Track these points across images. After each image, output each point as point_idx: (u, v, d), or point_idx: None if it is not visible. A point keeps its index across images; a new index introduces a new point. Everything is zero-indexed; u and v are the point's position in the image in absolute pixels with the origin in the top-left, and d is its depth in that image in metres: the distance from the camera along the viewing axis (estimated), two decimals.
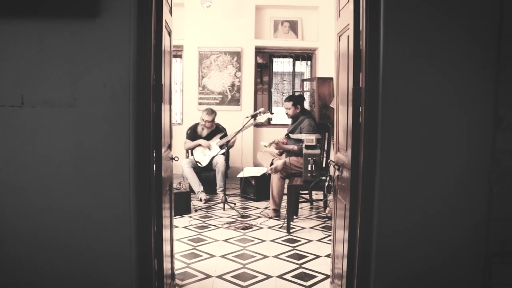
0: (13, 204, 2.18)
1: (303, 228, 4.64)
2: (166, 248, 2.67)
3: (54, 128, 2.15)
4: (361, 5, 2.20)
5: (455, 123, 2.17)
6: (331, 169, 2.86)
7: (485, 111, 2.15)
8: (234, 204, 5.67)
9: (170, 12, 2.72)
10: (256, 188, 5.94)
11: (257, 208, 5.52)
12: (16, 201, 2.17)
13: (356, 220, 2.30)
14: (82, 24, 2.14)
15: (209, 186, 6.06)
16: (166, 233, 2.63)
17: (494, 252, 2.19)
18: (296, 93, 7.89)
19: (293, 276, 3.29)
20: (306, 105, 7.88)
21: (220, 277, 3.26)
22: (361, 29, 2.21)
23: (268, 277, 3.27)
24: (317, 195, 6.00)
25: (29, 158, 2.16)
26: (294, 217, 4.97)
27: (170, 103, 2.79)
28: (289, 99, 5.37)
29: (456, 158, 2.18)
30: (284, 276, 3.29)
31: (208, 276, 3.27)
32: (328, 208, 5.17)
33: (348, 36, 2.39)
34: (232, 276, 3.27)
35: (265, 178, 5.79)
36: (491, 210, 2.17)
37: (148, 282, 2.33)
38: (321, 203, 5.70)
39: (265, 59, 8.10)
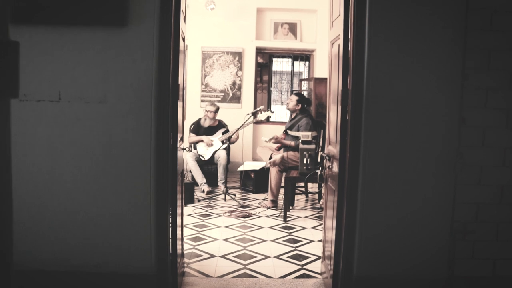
0: (50, 185, 2.57)
1: (299, 217, 5.03)
2: (178, 232, 3.05)
3: (87, 120, 2.54)
4: (349, 19, 2.59)
5: (428, 123, 2.57)
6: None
7: (452, 112, 2.55)
8: (235, 195, 6.05)
9: (184, 20, 3.09)
10: (255, 181, 6.33)
11: (256, 199, 5.91)
12: (54, 182, 2.55)
13: (342, 206, 2.67)
14: (112, 32, 2.52)
15: (211, 179, 6.43)
16: (178, 219, 3.00)
17: (458, 230, 2.59)
18: (295, 91, 8.27)
19: (288, 257, 3.68)
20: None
21: (223, 256, 3.65)
22: (349, 40, 2.59)
23: (266, 257, 3.67)
24: (313, 188, 6.39)
25: (65, 145, 2.54)
26: (291, 207, 5.37)
27: (183, 100, 3.17)
28: (297, 95, 5.81)
29: (428, 151, 2.58)
30: (281, 257, 3.68)
31: (212, 256, 3.66)
32: (322, 200, 5.56)
33: (339, 45, 2.78)
34: (234, 256, 3.66)
35: (264, 171, 6.17)
36: (455, 196, 2.57)
37: (164, 260, 2.70)
38: (316, 196, 6.09)
39: (265, 59, 8.48)
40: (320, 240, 4.07)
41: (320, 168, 3.43)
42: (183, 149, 3.16)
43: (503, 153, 2.59)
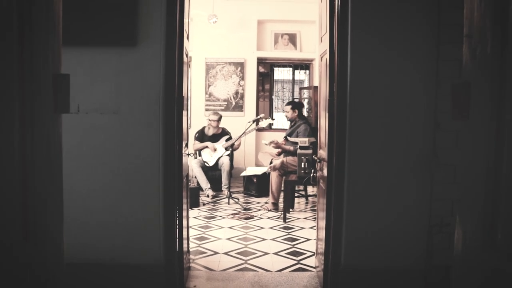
0: (70, 188, 2.88)
1: (298, 218, 5.33)
2: (184, 229, 3.35)
3: (102, 129, 2.86)
4: (334, 36, 2.90)
5: (406, 127, 2.87)
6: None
7: (428, 117, 2.85)
8: (238, 199, 6.35)
9: (187, 38, 3.41)
10: (257, 186, 6.64)
11: (258, 203, 6.21)
12: (73, 186, 2.87)
13: (331, 205, 2.96)
14: (123, 51, 2.85)
15: (215, 184, 6.75)
16: (184, 218, 3.31)
17: (435, 224, 2.87)
18: (295, 99, 8.60)
19: (286, 253, 3.98)
20: (304, 111, 8.62)
21: (226, 253, 3.95)
22: (334, 55, 2.90)
23: (266, 253, 3.96)
24: (313, 191, 6.69)
25: (83, 152, 2.86)
26: (291, 209, 5.66)
27: (187, 110, 3.49)
28: (288, 103, 6.17)
29: (407, 153, 2.88)
30: (279, 253, 3.98)
31: (216, 253, 3.96)
32: None
33: (326, 59, 3.09)
34: (236, 253, 3.96)
35: (266, 176, 6.47)
36: (432, 192, 2.86)
37: (172, 257, 2.99)
38: (316, 198, 6.37)
39: (266, 68, 8.82)
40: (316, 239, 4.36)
41: (313, 171, 3.73)
42: (188, 154, 3.47)
43: None
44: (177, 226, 3.07)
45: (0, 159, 0.89)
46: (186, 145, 3.46)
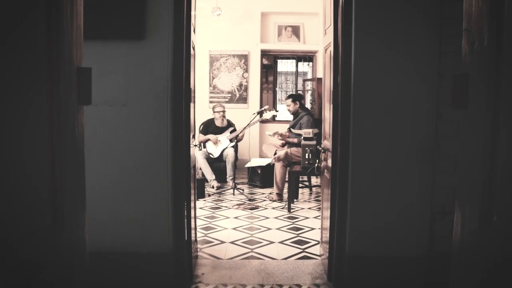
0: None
1: (302, 208, 5.41)
2: (192, 219, 3.43)
3: (111, 121, 2.93)
4: (339, 29, 2.95)
5: (409, 117, 2.92)
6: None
7: (430, 108, 2.90)
8: (243, 190, 6.44)
9: (194, 31, 3.47)
10: (262, 176, 6.71)
11: (263, 193, 6.29)
12: (86, 176, 2.95)
13: (335, 194, 3.03)
14: (131, 44, 2.91)
15: (220, 175, 6.82)
16: (192, 209, 3.38)
17: (437, 212, 2.94)
18: (298, 92, 8.66)
19: (291, 242, 4.06)
20: (307, 102, 8.68)
21: (232, 242, 4.04)
22: (338, 48, 2.96)
23: (271, 242, 4.05)
24: (317, 182, 6.76)
25: (94, 144, 2.93)
26: (295, 200, 5.74)
27: (194, 102, 3.55)
28: (288, 97, 6.23)
29: (410, 143, 2.93)
30: (284, 242, 4.06)
31: (222, 242, 4.05)
32: None
33: (330, 51, 3.15)
34: (242, 242, 4.05)
35: (270, 167, 6.54)
36: (434, 181, 2.93)
37: (180, 245, 3.08)
38: (319, 189, 6.45)
39: (270, 60, 8.87)
40: (320, 228, 4.43)
41: (317, 161, 3.80)
42: (195, 145, 3.54)
43: None
44: (186, 216, 3.15)
45: (31, 148, 0.96)
46: (193, 136, 3.53)
